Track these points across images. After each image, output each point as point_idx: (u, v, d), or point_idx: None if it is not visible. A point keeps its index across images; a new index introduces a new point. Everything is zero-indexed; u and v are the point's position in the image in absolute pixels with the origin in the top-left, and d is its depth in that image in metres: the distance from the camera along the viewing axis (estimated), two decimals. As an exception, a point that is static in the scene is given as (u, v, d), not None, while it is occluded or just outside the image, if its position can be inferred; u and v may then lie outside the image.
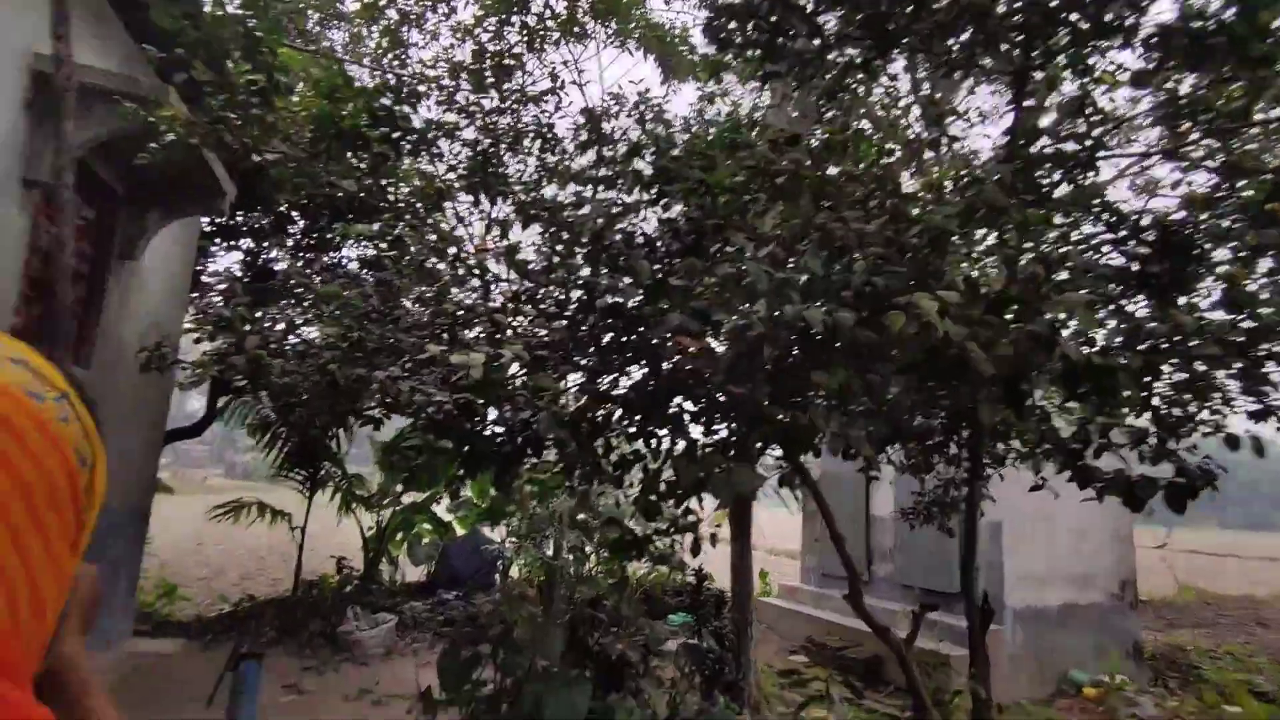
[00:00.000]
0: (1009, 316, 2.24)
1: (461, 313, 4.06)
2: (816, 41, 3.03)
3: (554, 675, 3.83)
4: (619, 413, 2.85)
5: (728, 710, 4.55)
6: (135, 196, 5.61)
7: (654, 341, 2.80)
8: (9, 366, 0.40)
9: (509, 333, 3.28)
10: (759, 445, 2.58)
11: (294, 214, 9.10)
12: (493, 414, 3.56)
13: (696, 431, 2.92)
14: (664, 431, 2.85)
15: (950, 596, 7.04)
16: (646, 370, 3.02)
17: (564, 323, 2.94)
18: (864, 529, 9.01)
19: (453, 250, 4.53)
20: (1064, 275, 2.45)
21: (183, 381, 7.68)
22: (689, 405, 2.85)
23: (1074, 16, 2.79)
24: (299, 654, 6.46)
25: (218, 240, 8.60)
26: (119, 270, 5.56)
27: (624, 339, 3.10)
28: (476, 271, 3.99)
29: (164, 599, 8.37)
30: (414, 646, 6.87)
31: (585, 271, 3.39)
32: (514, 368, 3.23)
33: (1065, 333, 2.18)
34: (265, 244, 8.62)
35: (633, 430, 2.66)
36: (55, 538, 0.40)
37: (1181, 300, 2.63)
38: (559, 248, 2.75)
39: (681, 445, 2.54)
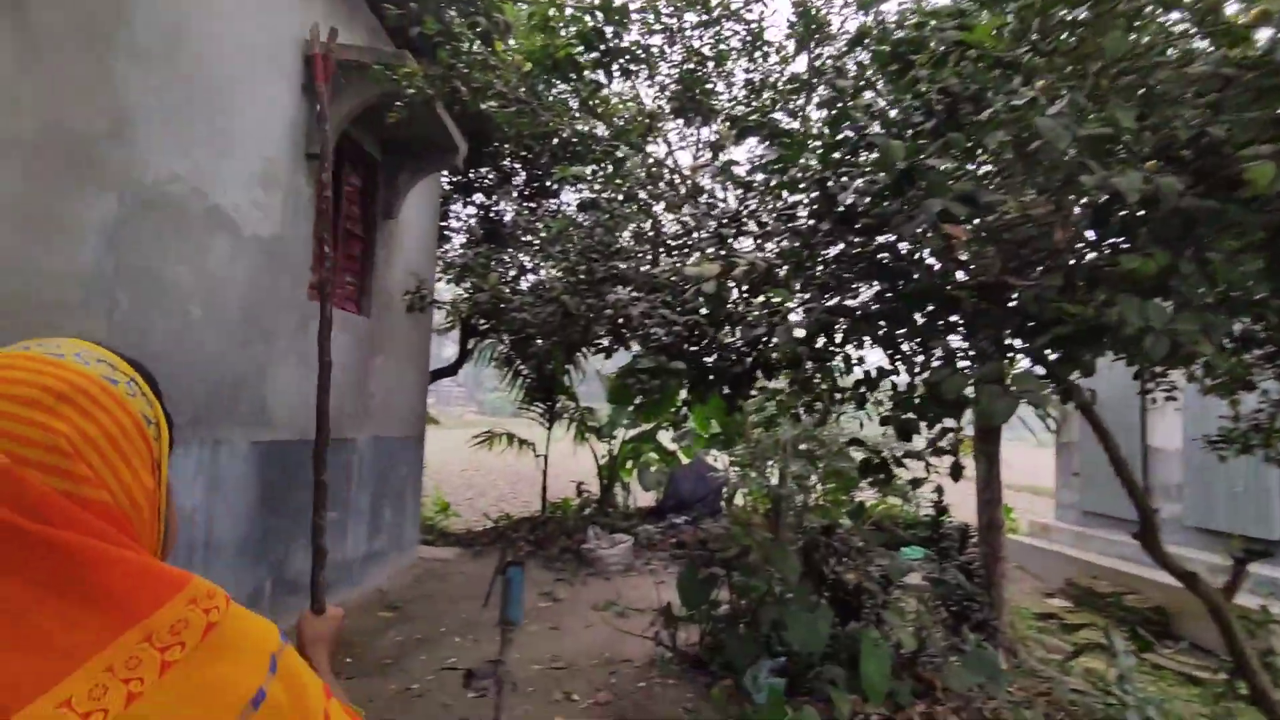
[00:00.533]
0: None
1: (683, 237, 4.00)
2: None
3: (793, 600, 3.79)
4: (858, 326, 2.60)
5: (979, 649, 4.20)
6: (389, 161, 6.28)
7: (900, 244, 2.50)
8: (94, 364, 0.62)
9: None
10: (1037, 354, 2.20)
11: (516, 166, 9.71)
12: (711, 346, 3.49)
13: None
14: (912, 344, 2.56)
15: (1272, 544, 5.82)
16: (884, 280, 2.72)
17: (791, 236, 2.73)
18: (1140, 462, 7.75)
19: (666, 176, 4.47)
20: None
21: (439, 326, 8.68)
22: (939, 312, 2.52)
23: None
24: (550, 567, 7.17)
25: (455, 197, 9.45)
26: (382, 229, 6.31)
27: (857, 250, 2.82)
28: (693, 195, 3.88)
29: (440, 514, 9.75)
30: (650, 566, 7.28)
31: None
32: (739, 292, 3.11)
33: None
34: (494, 197, 9.31)
35: (877, 343, 2.41)
36: (138, 464, 0.62)
37: None
38: (787, 149, 2.52)
39: (938, 357, 2.25)
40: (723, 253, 2.84)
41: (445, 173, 8.45)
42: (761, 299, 3.02)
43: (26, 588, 0.52)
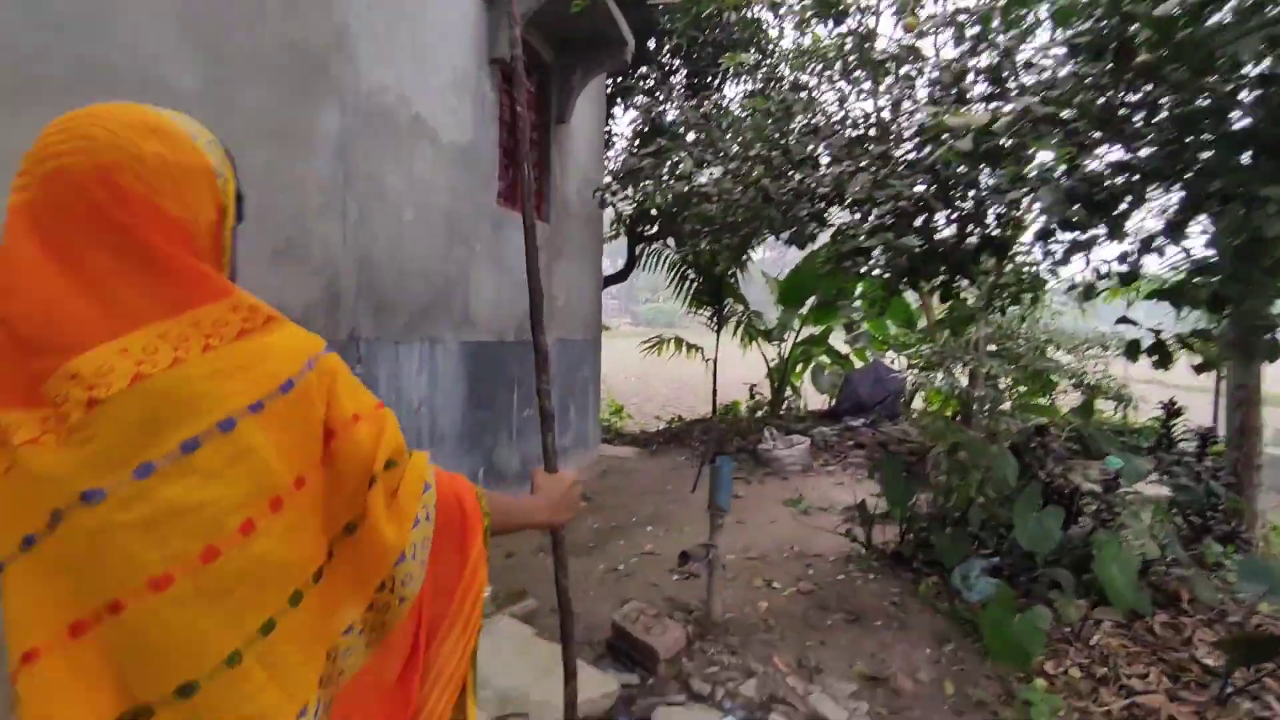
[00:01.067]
0: None
1: (886, 109, 3.63)
2: None
3: (1017, 500, 3.54)
4: (1144, 182, 2.22)
5: (1245, 559, 3.73)
6: (562, 63, 6.23)
7: (1201, 80, 2.06)
8: (188, 122, 0.79)
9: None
10: None
11: (676, 62, 9.33)
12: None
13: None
14: (1222, 201, 2.15)
15: None
16: (1177, 128, 2.28)
17: (1064, 81, 2.34)
18: None
19: (866, 44, 4.03)
20: None
21: (607, 235, 8.77)
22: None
23: None
24: (727, 465, 7.28)
25: (618, 100, 9.30)
26: (556, 133, 6.34)
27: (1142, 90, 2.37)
28: (907, 55, 3.47)
29: (615, 416, 10.19)
30: (828, 468, 7.19)
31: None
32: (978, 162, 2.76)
33: None
34: (656, 95, 9.05)
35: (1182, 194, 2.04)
36: (206, 197, 0.77)
37: None
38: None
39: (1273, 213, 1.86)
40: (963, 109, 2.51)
41: (607, 78, 8.29)
42: (1007, 168, 2.67)
43: (111, 258, 0.68)
